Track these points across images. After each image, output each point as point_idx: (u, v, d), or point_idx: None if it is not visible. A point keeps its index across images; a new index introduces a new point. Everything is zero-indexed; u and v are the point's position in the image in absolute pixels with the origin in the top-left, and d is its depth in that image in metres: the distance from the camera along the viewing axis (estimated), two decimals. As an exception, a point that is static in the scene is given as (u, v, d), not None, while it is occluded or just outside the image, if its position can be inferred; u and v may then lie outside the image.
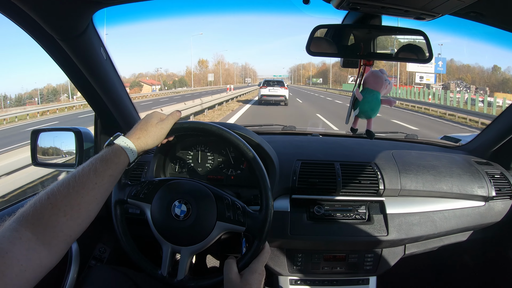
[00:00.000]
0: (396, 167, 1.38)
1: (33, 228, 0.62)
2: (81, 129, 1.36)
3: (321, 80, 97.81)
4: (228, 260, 0.89)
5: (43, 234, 0.62)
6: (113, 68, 1.23)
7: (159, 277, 0.94)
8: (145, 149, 0.85)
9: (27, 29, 0.98)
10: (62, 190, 0.67)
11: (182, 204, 0.91)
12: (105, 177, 0.74)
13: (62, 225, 0.65)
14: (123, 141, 0.80)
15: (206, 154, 1.41)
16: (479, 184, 1.39)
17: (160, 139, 0.87)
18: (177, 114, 0.91)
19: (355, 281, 1.38)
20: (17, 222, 0.62)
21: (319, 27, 1.01)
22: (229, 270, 0.85)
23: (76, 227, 0.68)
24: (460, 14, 1.03)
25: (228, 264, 0.87)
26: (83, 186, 0.70)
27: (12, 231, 0.60)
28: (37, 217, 0.63)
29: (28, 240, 0.60)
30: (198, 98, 15.68)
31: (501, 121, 1.54)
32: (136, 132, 0.84)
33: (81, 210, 0.68)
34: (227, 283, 0.84)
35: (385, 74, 1.09)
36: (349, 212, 1.31)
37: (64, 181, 0.69)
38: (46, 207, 0.64)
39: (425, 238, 1.37)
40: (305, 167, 1.35)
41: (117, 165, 0.78)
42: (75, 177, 0.70)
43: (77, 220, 0.68)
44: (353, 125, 1.17)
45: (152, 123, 0.86)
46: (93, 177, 0.72)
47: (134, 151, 0.81)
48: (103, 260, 1.45)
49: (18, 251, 0.58)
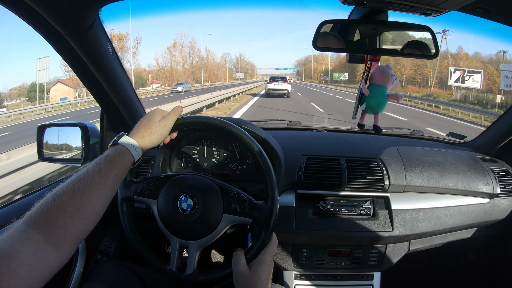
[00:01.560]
0: (402, 163, 1.37)
1: (40, 230, 0.63)
2: (87, 124, 1.37)
3: (347, 75, 63.57)
4: (236, 252, 0.89)
5: (51, 235, 0.63)
6: (119, 63, 1.24)
7: (168, 272, 0.94)
8: (149, 147, 0.85)
9: (34, 24, 0.99)
10: (68, 192, 0.68)
11: (188, 198, 0.92)
12: (110, 178, 0.74)
13: (69, 226, 0.66)
14: (127, 140, 0.81)
15: (212, 149, 1.42)
16: (484, 181, 1.39)
17: (164, 136, 0.88)
18: (179, 110, 0.91)
19: (359, 277, 1.39)
20: (25, 224, 0.63)
21: (326, 22, 1.01)
22: (237, 262, 0.86)
23: (83, 227, 0.69)
24: (466, 10, 1.03)
25: (237, 255, 0.88)
26: (88, 187, 0.70)
27: (21, 232, 0.61)
28: (44, 219, 0.64)
29: (37, 241, 0.61)
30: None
31: (507, 118, 1.53)
32: (140, 131, 0.84)
33: (87, 211, 0.69)
34: (236, 275, 0.85)
35: (391, 69, 1.09)
36: (354, 207, 1.31)
37: (69, 183, 0.70)
38: (52, 209, 0.65)
39: (429, 235, 1.37)
40: (310, 162, 1.35)
41: (122, 165, 0.78)
42: (80, 178, 0.71)
43: (83, 221, 0.69)
44: (360, 120, 1.17)
45: (155, 121, 0.86)
46: (98, 178, 0.72)
47: (139, 150, 0.81)
48: (109, 254, 1.46)
49: (28, 251, 0.59)
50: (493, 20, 1.14)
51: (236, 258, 0.87)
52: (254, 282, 0.81)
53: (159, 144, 0.89)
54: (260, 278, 0.82)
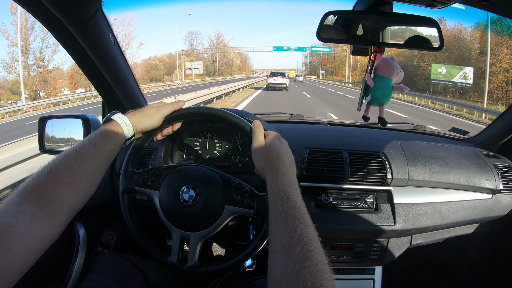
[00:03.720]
0: (404, 157, 1.37)
1: (36, 201, 0.63)
2: (88, 116, 1.36)
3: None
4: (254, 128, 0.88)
5: (47, 206, 0.64)
6: (121, 53, 1.23)
7: (169, 264, 0.94)
8: (140, 127, 0.87)
9: (36, 13, 0.98)
10: (64, 163, 0.70)
11: (190, 189, 0.92)
12: (105, 151, 0.77)
13: (65, 196, 0.67)
14: (119, 117, 0.84)
15: (214, 141, 1.42)
16: (487, 177, 1.38)
17: (154, 120, 0.89)
18: (179, 103, 0.93)
19: (361, 271, 1.39)
20: (20, 196, 0.63)
21: (330, 13, 1.01)
22: (256, 137, 0.85)
23: (78, 199, 0.71)
24: (471, 3, 1.02)
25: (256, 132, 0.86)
26: (84, 159, 0.73)
27: (16, 206, 0.61)
28: (40, 190, 0.65)
29: (32, 214, 0.62)
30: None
31: (510, 114, 1.52)
32: (134, 111, 0.89)
33: (83, 182, 0.71)
34: (254, 149, 0.84)
35: (395, 61, 1.08)
36: (356, 201, 1.31)
37: (66, 154, 0.72)
38: (49, 179, 0.67)
39: (431, 229, 1.36)
40: (313, 155, 1.34)
41: (115, 140, 0.81)
42: (76, 150, 0.73)
43: (78, 192, 0.71)
44: (365, 113, 1.17)
45: (150, 106, 0.91)
46: (93, 150, 0.75)
47: (130, 126, 0.84)
48: (110, 247, 1.46)
49: (23, 225, 0.59)
50: (498, 14, 1.14)
51: (255, 136, 0.85)
52: (271, 150, 0.81)
53: (152, 130, 0.91)
54: (276, 147, 0.81)
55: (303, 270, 0.54)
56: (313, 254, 0.56)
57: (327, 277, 0.53)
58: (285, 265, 0.57)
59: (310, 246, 0.58)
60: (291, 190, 0.71)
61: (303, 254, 0.56)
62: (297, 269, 0.54)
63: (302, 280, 0.52)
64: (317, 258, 0.56)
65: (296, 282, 0.53)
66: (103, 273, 1.09)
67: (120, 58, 1.23)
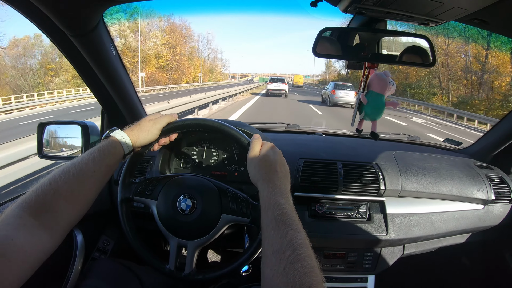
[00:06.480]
0: (397, 168, 1.39)
1: (36, 214, 0.65)
2: (87, 123, 1.37)
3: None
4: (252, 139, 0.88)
5: (46, 219, 0.66)
6: (121, 64, 1.25)
7: (167, 271, 0.96)
8: (138, 143, 0.89)
9: (39, 25, 1.00)
10: (63, 177, 0.72)
11: (187, 198, 0.94)
12: (103, 166, 0.79)
13: (63, 210, 0.69)
14: (118, 133, 0.86)
15: (211, 150, 1.44)
16: (479, 188, 1.41)
17: (152, 134, 0.91)
18: (173, 116, 0.95)
19: (354, 279, 1.41)
20: (20, 208, 0.64)
21: (326, 29, 1.03)
22: (252, 148, 0.85)
23: (76, 212, 0.73)
24: (464, 21, 1.04)
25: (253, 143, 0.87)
26: (82, 173, 0.74)
27: (16, 218, 0.63)
28: (40, 203, 0.66)
29: (32, 226, 0.63)
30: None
31: (503, 125, 1.55)
32: (131, 127, 0.90)
33: (81, 196, 0.73)
34: (249, 159, 0.85)
35: (389, 77, 1.11)
36: (349, 211, 1.33)
37: (65, 169, 0.74)
38: (48, 192, 0.68)
39: (423, 239, 1.39)
40: (308, 165, 1.37)
41: (114, 156, 0.83)
42: (75, 165, 0.75)
43: (77, 206, 0.72)
44: (358, 126, 1.19)
45: (146, 119, 0.92)
46: (92, 165, 0.77)
47: (129, 143, 0.87)
48: (106, 252, 1.47)
49: (23, 237, 0.60)
50: (490, 31, 1.17)
51: (251, 146, 0.86)
52: (264, 161, 0.81)
53: (150, 143, 0.93)
54: (269, 158, 0.81)
55: (292, 272, 0.56)
56: (302, 257, 0.59)
57: (315, 279, 0.56)
58: (275, 268, 0.59)
59: (300, 250, 0.60)
60: (282, 199, 0.73)
61: (293, 257, 0.59)
62: (286, 271, 0.57)
63: (291, 282, 0.55)
64: (307, 261, 0.58)
65: (285, 283, 0.55)
66: (100, 278, 1.10)
67: (120, 68, 1.25)
